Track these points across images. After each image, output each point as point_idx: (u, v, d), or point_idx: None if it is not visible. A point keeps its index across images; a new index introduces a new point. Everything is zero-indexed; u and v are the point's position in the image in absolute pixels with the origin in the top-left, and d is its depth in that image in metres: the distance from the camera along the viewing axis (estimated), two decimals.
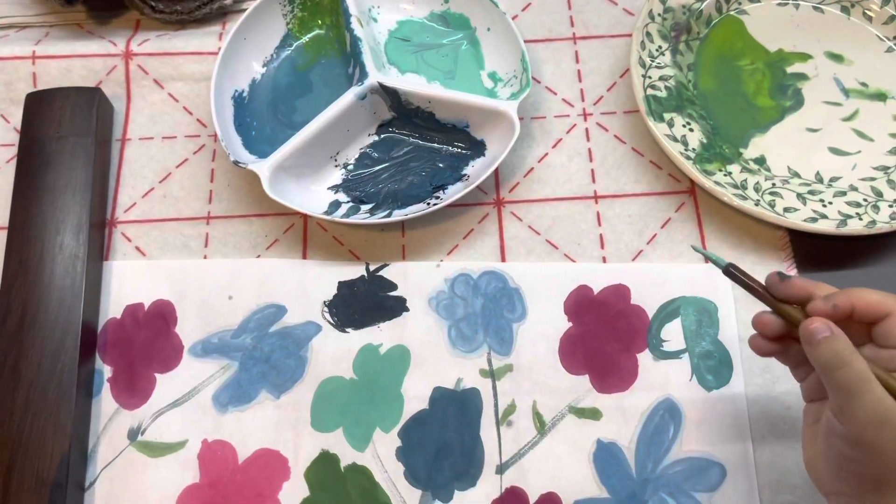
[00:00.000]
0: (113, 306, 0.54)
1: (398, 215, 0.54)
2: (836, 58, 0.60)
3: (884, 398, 0.37)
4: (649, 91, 0.57)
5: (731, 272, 0.42)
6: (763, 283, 0.42)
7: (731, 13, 0.62)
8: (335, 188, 0.57)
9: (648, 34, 0.59)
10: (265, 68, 0.61)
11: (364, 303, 0.54)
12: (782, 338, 0.42)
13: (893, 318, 0.38)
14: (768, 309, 0.42)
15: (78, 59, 0.61)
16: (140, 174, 0.59)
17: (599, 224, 0.56)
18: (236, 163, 0.54)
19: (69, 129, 0.57)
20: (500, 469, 0.49)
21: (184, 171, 0.59)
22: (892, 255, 0.54)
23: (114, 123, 0.61)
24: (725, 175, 0.55)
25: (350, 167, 0.58)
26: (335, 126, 0.56)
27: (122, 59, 0.61)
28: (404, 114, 0.58)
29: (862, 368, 0.37)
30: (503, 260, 0.55)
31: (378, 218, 0.54)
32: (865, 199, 0.54)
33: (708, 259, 0.44)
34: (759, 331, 0.43)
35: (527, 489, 0.49)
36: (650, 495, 0.48)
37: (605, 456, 0.49)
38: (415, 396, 0.51)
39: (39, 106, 0.57)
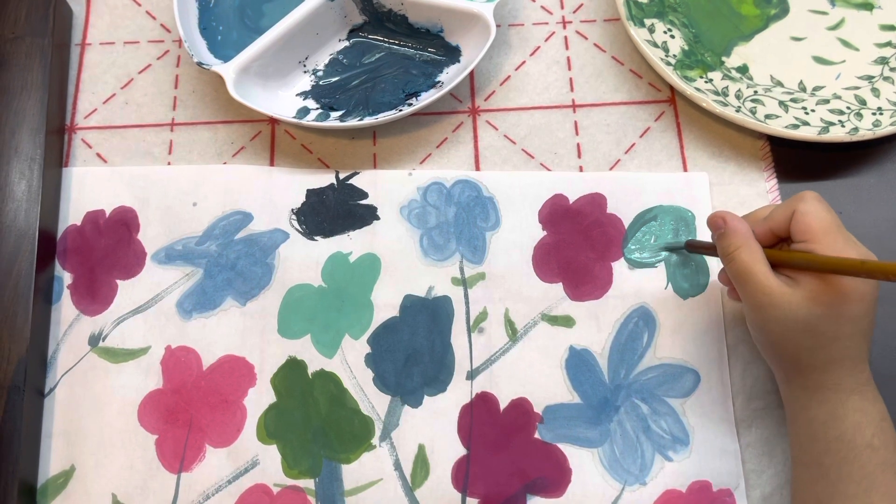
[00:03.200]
0: (73, 213, 0.52)
1: (369, 122, 0.52)
2: None
3: (763, 284, 0.39)
4: None
5: (693, 245, 0.48)
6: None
7: None
8: (304, 94, 0.55)
9: None
10: None
11: (333, 211, 0.52)
12: None
13: (796, 215, 0.40)
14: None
15: None
16: (101, 79, 0.56)
17: (577, 133, 0.55)
18: (200, 64, 0.52)
19: (24, 30, 0.54)
20: (471, 375, 0.49)
21: (147, 76, 0.57)
22: (873, 165, 0.53)
23: (73, 27, 0.58)
24: (706, 82, 0.53)
25: (319, 73, 0.56)
26: (303, 29, 0.54)
27: None
28: (376, 17, 0.56)
29: (744, 260, 0.40)
30: (477, 169, 0.54)
31: (349, 123, 0.52)
32: (849, 107, 0.53)
33: (669, 249, 0.51)
34: (725, 285, 0.48)
35: (497, 395, 0.48)
36: (622, 401, 0.48)
37: (578, 362, 0.49)
38: (385, 304, 0.50)
39: None
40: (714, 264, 0.51)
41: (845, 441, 0.39)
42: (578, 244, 0.51)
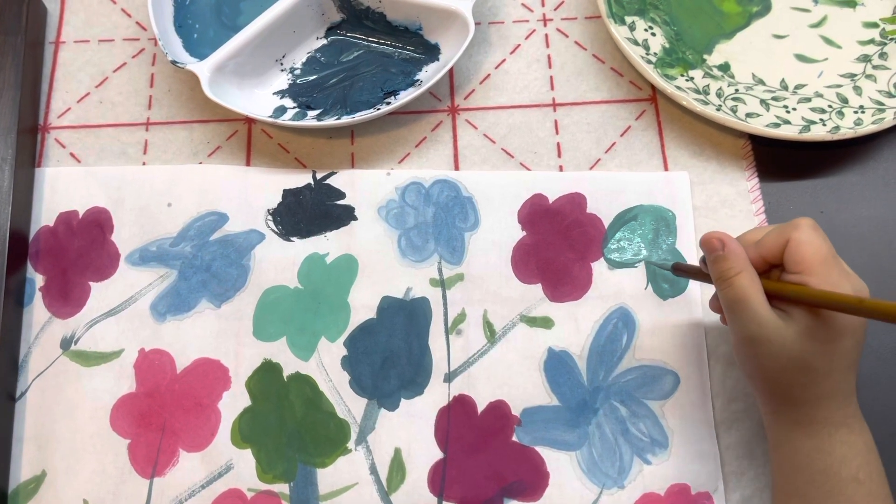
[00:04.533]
0: (46, 214, 0.52)
1: (347, 120, 0.51)
2: None
3: (759, 316, 0.38)
4: None
5: (679, 268, 0.45)
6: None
7: None
8: (281, 93, 0.54)
9: None
10: None
11: (310, 211, 0.52)
12: None
13: (791, 244, 0.39)
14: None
15: None
16: (75, 78, 0.56)
17: (557, 132, 0.54)
18: (174, 62, 0.51)
19: None
20: (449, 377, 0.48)
21: (122, 75, 0.56)
22: (854, 165, 0.53)
23: (47, 25, 0.57)
24: (687, 80, 0.53)
25: (297, 72, 0.55)
26: (281, 27, 0.53)
27: None
28: (354, 15, 0.55)
29: (741, 287, 0.38)
30: (457, 168, 0.53)
31: (326, 122, 0.51)
32: (830, 106, 0.52)
33: (657, 266, 0.49)
34: (717, 313, 0.45)
35: (475, 397, 0.48)
36: (601, 403, 0.47)
37: (556, 364, 0.48)
38: (362, 306, 0.49)
39: None
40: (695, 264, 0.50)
41: (831, 474, 0.38)
42: (558, 244, 0.51)
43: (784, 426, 0.40)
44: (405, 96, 0.52)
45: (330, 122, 0.51)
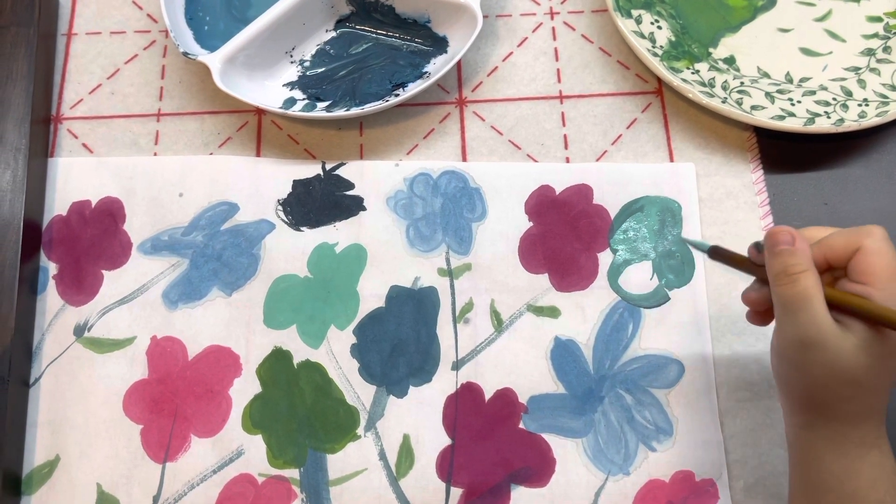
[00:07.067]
0: (59, 203, 0.52)
1: (356, 112, 0.52)
2: None
3: (818, 320, 0.36)
4: None
5: (717, 252, 0.42)
6: (746, 255, 0.41)
7: None
8: (290, 85, 0.55)
9: None
10: None
11: (320, 201, 0.52)
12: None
13: (861, 252, 0.37)
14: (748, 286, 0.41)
15: None
16: (87, 70, 0.56)
17: (564, 124, 0.55)
18: (185, 54, 0.52)
19: (10, 19, 0.54)
20: (456, 365, 0.49)
21: (133, 67, 0.56)
22: (858, 157, 0.53)
23: (59, 17, 0.58)
24: (693, 73, 0.53)
25: (306, 64, 0.56)
26: (290, 19, 0.54)
27: None
28: (363, 8, 0.56)
29: (806, 286, 0.36)
30: (464, 160, 0.54)
31: (336, 113, 0.52)
32: (835, 99, 0.53)
33: (693, 245, 0.44)
34: (750, 307, 0.42)
35: (482, 385, 0.48)
36: (607, 391, 0.48)
37: (563, 353, 0.49)
38: (371, 295, 0.50)
39: None
40: (700, 270, 0.50)
41: (859, 497, 0.37)
42: (564, 235, 0.51)
43: (815, 443, 0.38)
44: (413, 88, 0.52)
45: (339, 113, 0.52)
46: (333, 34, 0.56)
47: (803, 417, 0.39)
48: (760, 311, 0.42)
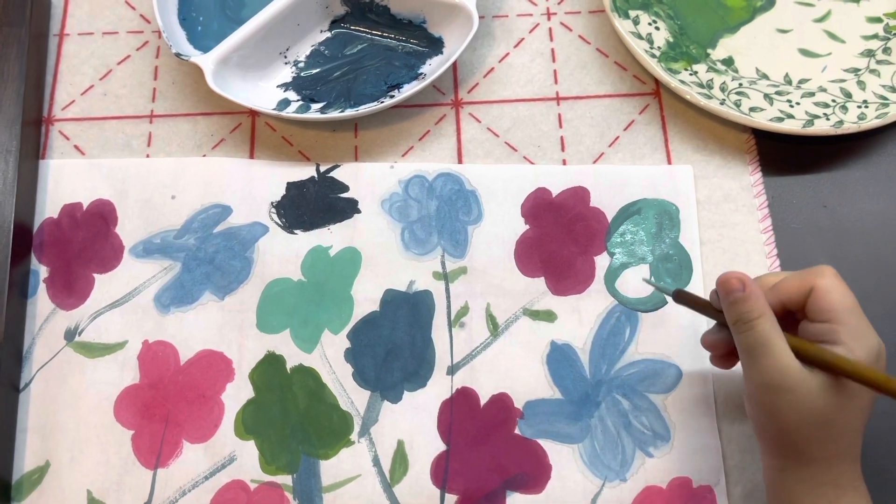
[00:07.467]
0: (50, 206, 0.52)
1: (351, 113, 0.51)
2: None
3: (781, 364, 0.36)
4: None
5: (681, 296, 0.43)
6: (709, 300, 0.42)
7: None
8: (284, 86, 0.54)
9: None
10: None
11: (314, 204, 0.52)
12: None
13: (815, 292, 0.38)
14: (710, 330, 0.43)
15: None
16: (79, 70, 0.56)
17: (561, 126, 0.54)
18: (178, 55, 0.52)
19: (1, 20, 0.53)
20: (451, 370, 0.48)
21: (126, 67, 0.56)
22: (858, 159, 0.53)
23: (51, 17, 0.57)
24: (691, 74, 0.53)
25: (301, 64, 0.55)
26: (284, 19, 0.53)
27: None
28: (358, 8, 0.55)
29: (764, 331, 0.37)
30: (460, 162, 0.53)
31: (330, 115, 0.51)
32: (834, 100, 0.52)
33: (657, 288, 0.46)
34: (710, 352, 0.43)
35: (478, 390, 0.48)
36: (603, 396, 0.47)
37: (559, 357, 0.48)
38: (365, 298, 0.50)
39: None
40: (698, 273, 0.50)
41: None
42: (561, 238, 0.51)
43: (791, 485, 0.38)
44: (409, 90, 0.52)
45: (334, 115, 0.51)
46: (328, 35, 0.56)
47: (779, 461, 0.39)
48: (723, 354, 0.43)
